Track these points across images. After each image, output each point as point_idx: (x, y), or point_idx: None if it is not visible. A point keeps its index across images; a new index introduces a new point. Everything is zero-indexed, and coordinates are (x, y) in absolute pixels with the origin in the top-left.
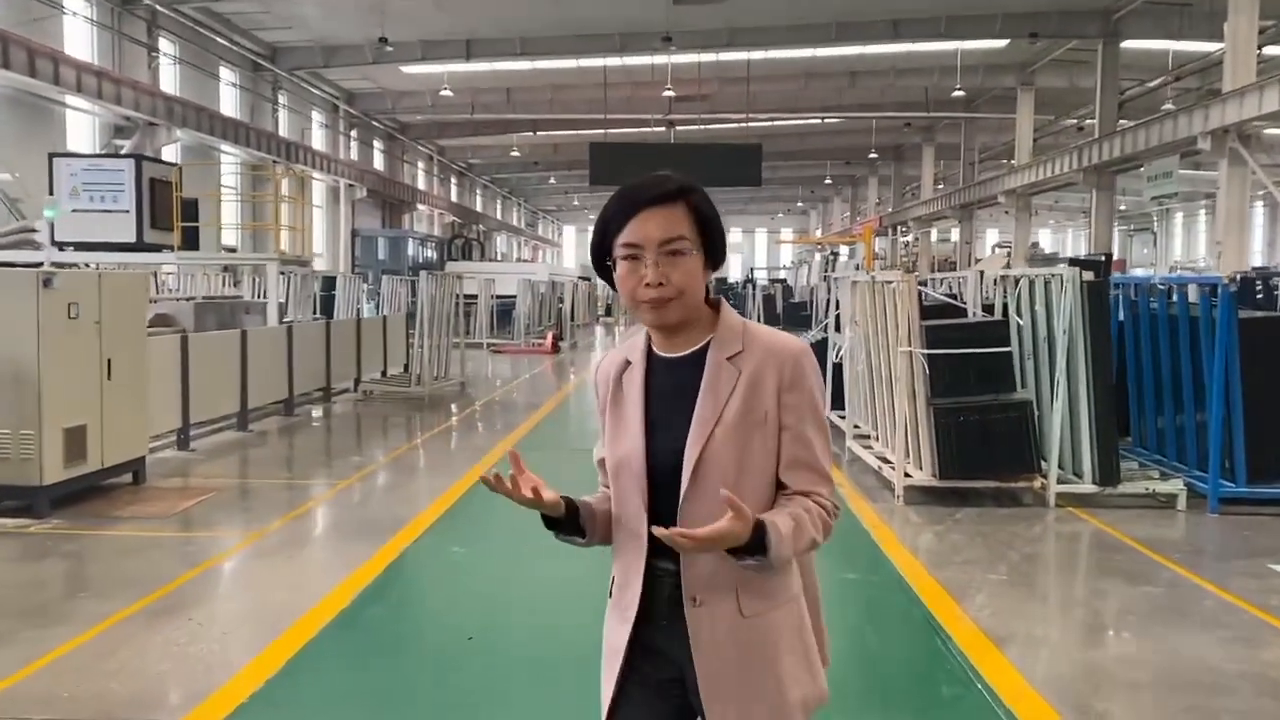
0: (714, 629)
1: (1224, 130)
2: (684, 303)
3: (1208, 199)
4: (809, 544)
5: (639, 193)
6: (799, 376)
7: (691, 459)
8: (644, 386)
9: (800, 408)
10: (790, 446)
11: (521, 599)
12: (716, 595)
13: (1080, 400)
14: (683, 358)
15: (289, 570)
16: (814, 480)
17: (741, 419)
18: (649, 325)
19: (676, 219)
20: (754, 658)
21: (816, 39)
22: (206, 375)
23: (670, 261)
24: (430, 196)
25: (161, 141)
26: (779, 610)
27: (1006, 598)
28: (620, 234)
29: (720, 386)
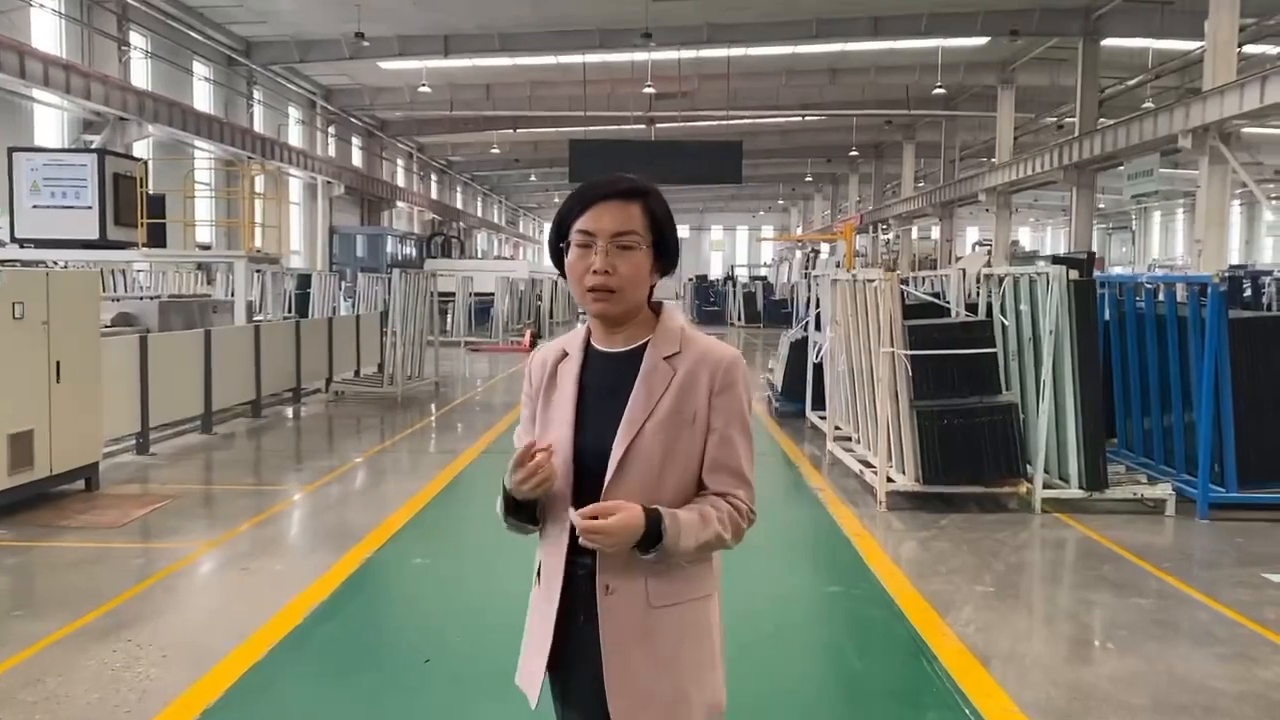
0: (623, 617)
1: (1204, 128)
2: (627, 296)
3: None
4: (714, 539)
5: (599, 187)
6: (730, 382)
7: (618, 451)
8: (578, 379)
9: (728, 412)
10: (715, 449)
11: (484, 616)
12: (628, 583)
13: (1066, 402)
14: (620, 354)
15: (242, 584)
16: (733, 483)
17: (671, 416)
18: (593, 314)
19: (631, 215)
20: (657, 651)
21: (797, 36)
22: (168, 376)
23: (619, 254)
24: (409, 194)
25: (133, 137)
26: (687, 605)
27: (993, 611)
28: (577, 222)
29: (654, 384)
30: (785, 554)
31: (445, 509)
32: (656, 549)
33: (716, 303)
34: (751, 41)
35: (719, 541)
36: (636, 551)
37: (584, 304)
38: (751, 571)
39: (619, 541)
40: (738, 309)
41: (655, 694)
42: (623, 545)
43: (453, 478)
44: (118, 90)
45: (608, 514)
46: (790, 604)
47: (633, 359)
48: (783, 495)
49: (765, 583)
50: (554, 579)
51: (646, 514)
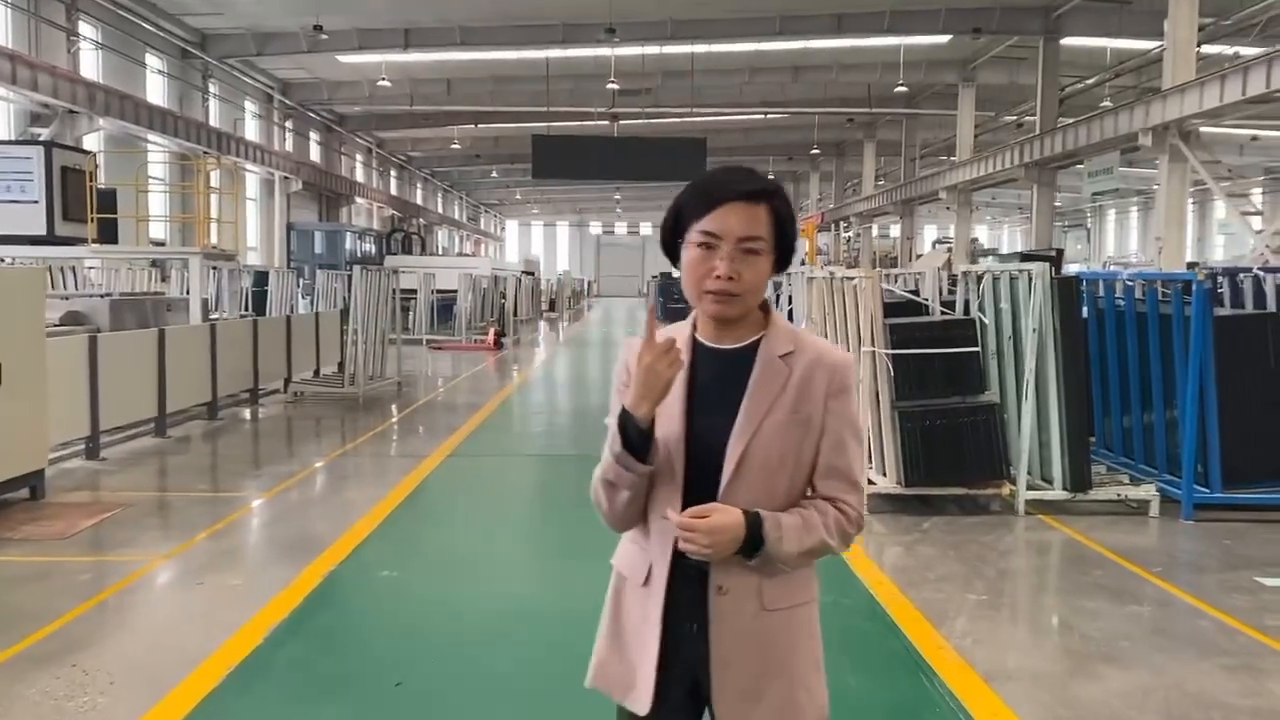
0: (735, 619)
1: (1164, 127)
2: (748, 301)
3: (1139, 195)
4: (819, 545)
5: (727, 186)
6: (845, 386)
7: (736, 451)
8: (688, 374)
9: (843, 415)
10: (828, 452)
11: (457, 633)
12: (741, 584)
13: (1049, 402)
14: (731, 350)
15: (197, 601)
16: (844, 488)
17: (789, 416)
18: (710, 316)
19: (758, 218)
20: (771, 656)
21: (760, 32)
22: (119, 378)
23: (744, 259)
24: (369, 189)
25: (83, 130)
26: (799, 609)
27: (989, 622)
28: (699, 221)
29: (771, 382)
30: None
31: (412, 516)
32: (759, 554)
33: (681, 300)
34: (715, 38)
35: (824, 547)
36: (741, 556)
37: (697, 304)
38: None
39: (716, 545)
40: None
41: (765, 698)
42: (721, 550)
43: (419, 483)
44: (66, 82)
45: (703, 516)
46: None
47: (744, 356)
48: None
49: None
50: (659, 578)
51: (746, 517)
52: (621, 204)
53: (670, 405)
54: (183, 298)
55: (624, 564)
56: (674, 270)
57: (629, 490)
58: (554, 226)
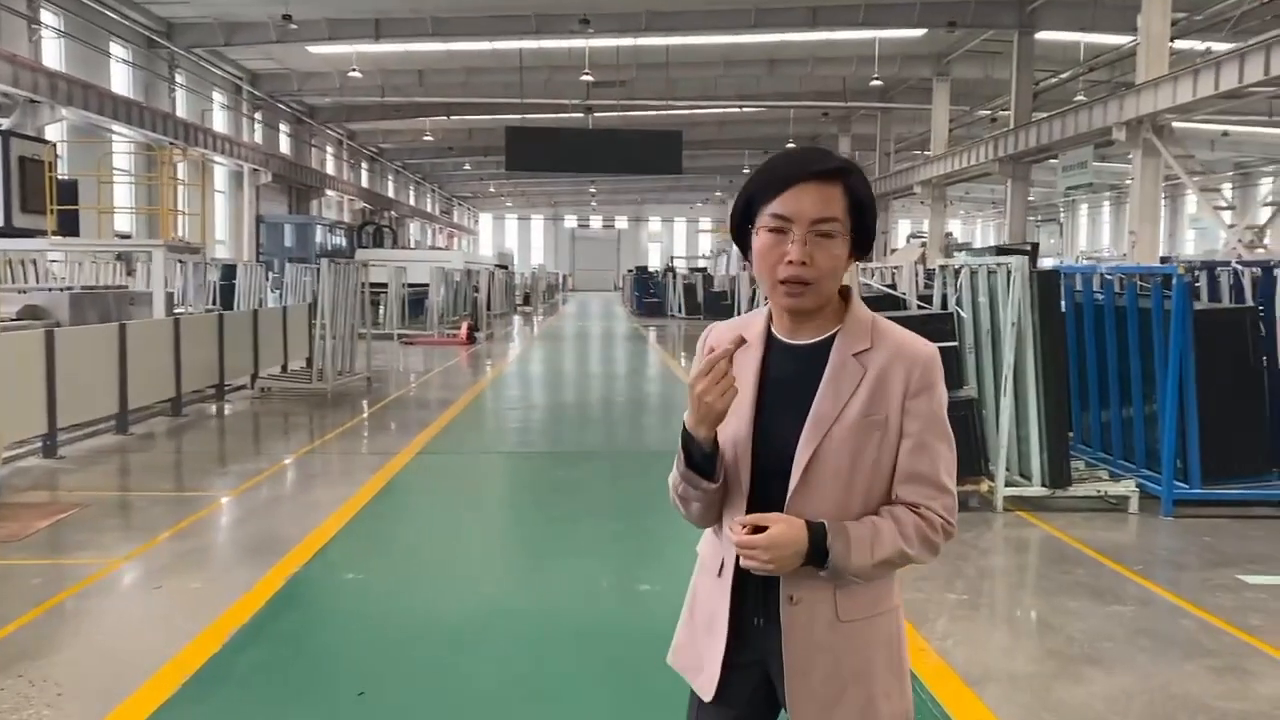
0: (810, 630)
1: (1138, 121)
2: (823, 289)
3: (1111, 189)
4: (895, 555)
5: (798, 164)
6: (928, 383)
7: (804, 457)
8: (759, 369)
9: (925, 416)
10: (908, 456)
11: (423, 638)
12: (814, 595)
13: (1029, 397)
14: (805, 346)
15: (155, 606)
16: (926, 494)
17: (861, 419)
18: (783, 308)
19: (833, 198)
20: (846, 665)
21: (736, 25)
22: (78, 373)
23: (818, 242)
24: (339, 182)
25: (45, 120)
26: (878, 619)
27: (970, 622)
28: (769, 204)
29: (843, 383)
30: None
31: (380, 516)
32: (826, 568)
33: (657, 294)
34: (690, 30)
35: (901, 557)
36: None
37: (772, 296)
38: None
39: (778, 560)
40: (678, 301)
41: (842, 704)
42: (784, 565)
43: (386, 481)
44: (27, 71)
45: (764, 527)
46: None
47: (819, 352)
48: None
49: None
50: (730, 571)
51: (810, 529)
52: (597, 197)
53: (740, 405)
54: (146, 291)
55: (705, 552)
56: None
57: (699, 503)
58: (528, 220)
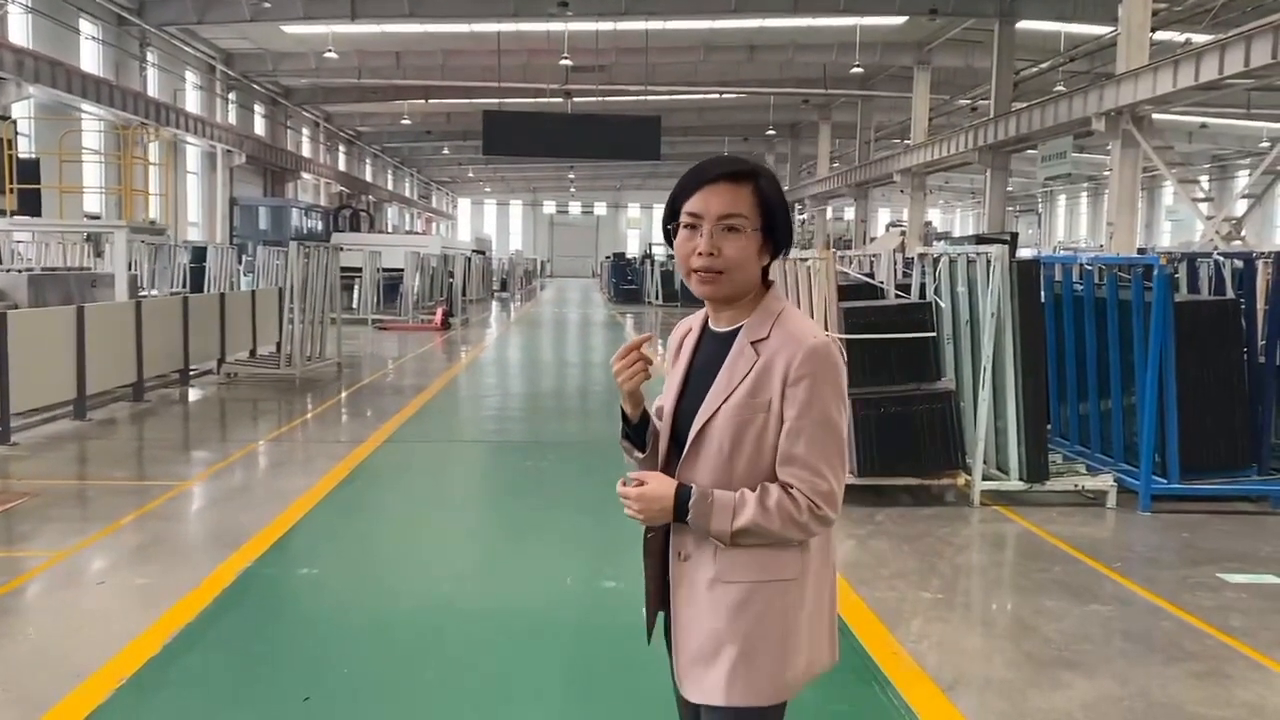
0: (694, 586)
1: (1117, 112)
2: (732, 279)
3: (1089, 180)
4: (753, 526)
5: (710, 168)
6: (807, 371)
7: (693, 431)
8: (691, 354)
9: (802, 402)
10: (785, 440)
11: (377, 639)
12: (699, 554)
13: (1007, 390)
14: (723, 333)
15: (96, 602)
16: (799, 476)
17: (746, 400)
18: (699, 295)
19: (740, 197)
20: (726, 625)
21: (716, 9)
22: (33, 357)
23: (725, 236)
24: (316, 165)
25: (10, 98)
26: (764, 586)
27: (945, 623)
28: (686, 203)
29: (738, 368)
30: None
31: (341, 507)
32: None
33: (634, 281)
34: (670, 13)
35: (760, 530)
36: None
37: (689, 284)
38: None
39: (645, 511)
40: (655, 288)
41: (717, 664)
42: (651, 517)
43: (350, 470)
44: None
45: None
46: None
47: (731, 340)
48: None
49: None
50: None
51: (679, 490)
52: (575, 183)
53: (671, 384)
54: (109, 273)
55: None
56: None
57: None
58: (507, 205)
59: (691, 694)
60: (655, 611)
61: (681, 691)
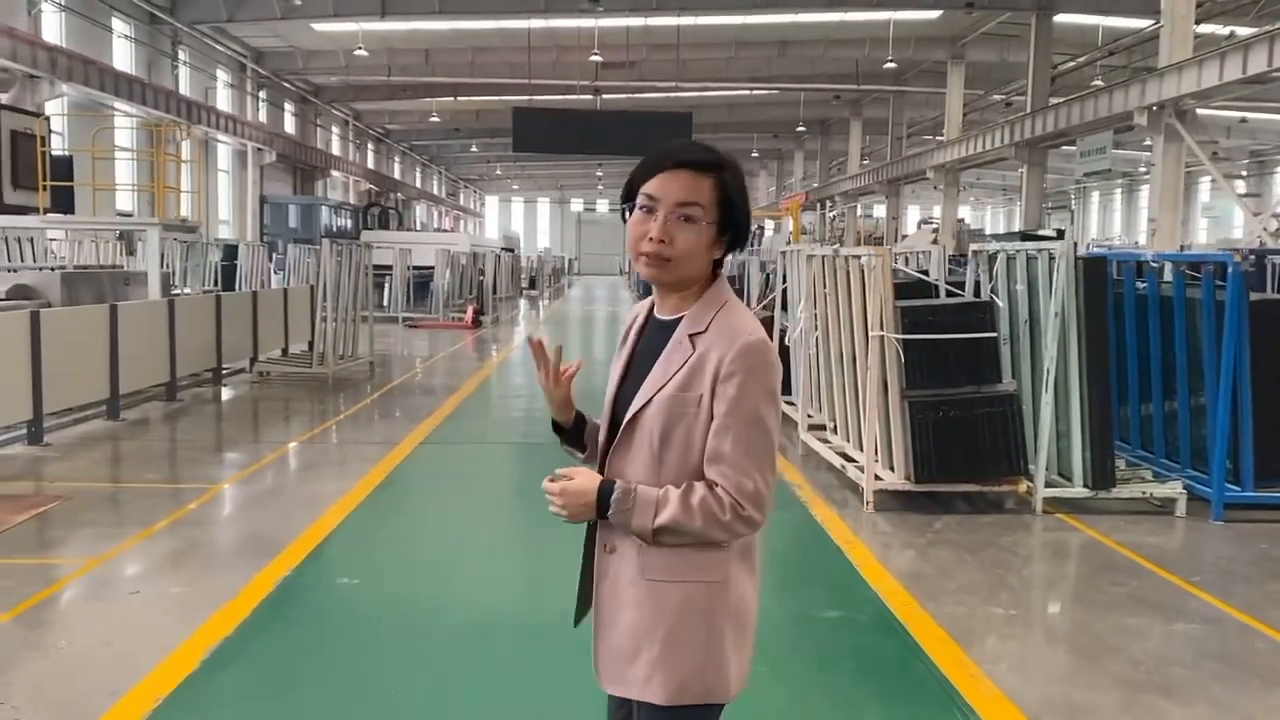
0: (617, 581)
1: (1159, 106)
2: (679, 268)
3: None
4: (675, 524)
5: (673, 153)
6: (736, 370)
7: (629, 415)
8: (635, 341)
9: (730, 400)
10: (713, 438)
11: (420, 652)
12: (625, 548)
13: (1071, 392)
14: (665, 321)
15: (130, 613)
16: (724, 474)
17: (676, 394)
18: (644, 279)
19: (700, 187)
20: (648, 622)
21: (748, 4)
22: (66, 356)
23: (679, 224)
24: (345, 163)
25: (44, 96)
26: (687, 586)
27: (1021, 642)
28: (645, 185)
29: (673, 360)
30: (771, 565)
31: (378, 512)
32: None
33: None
34: (702, 9)
35: (680, 529)
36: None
37: (636, 266)
38: None
39: (569, 508)
40: None
41: (639, 660)
42: (575, 514)
43: (387, 474)
44: (26, 45)
45: (570, 479)
46: (785, 633)
47: (672, 329)
48: None
49: None
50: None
51: (601, 486)
52: (603, 180)
53: (616, 365)
54: (142, 271)
55: None
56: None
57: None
58: (535, 203)
59: (611, 686)
60: (585, 602)
61: (600, 683)
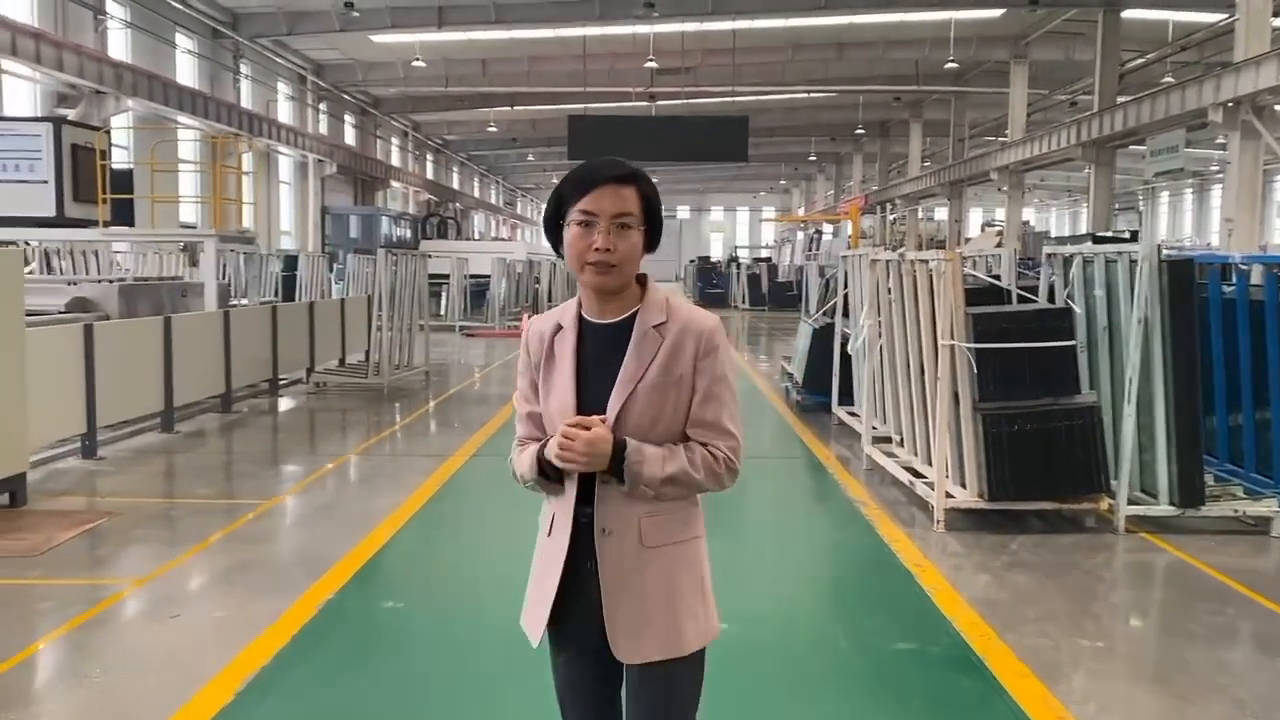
0: (620, 558)
1: (1235, 102)
2: (623, 271)
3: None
4: (680, 474)
5: (599, 170)
6: (713, 347)
7: (614, 410)
8: (575, 348)
9: (711, 373)
10: (699, 407)
11: (469, 682)
12: (622, 526)
13: (1156, 403)
14: (611, 324)
15: (169, 639)
16: (712, 435)
17: (661, 378)
18: (591, 287)
19: (628, 198)
20: (654, 587)
21: (804, 6)
22: (120, 369)
23: (619, 232)
24: (404, 173)
25: (110, 111)
26: (682, 545)
27: (1113, 680)
28: (578, 203)
29: (645, 349)
30: (836, 591)
31: (427, 531)
32: (624, 476)
33: (719, 285)
34: (757, 13)
35: (687, 478)
36: (614, 479)
37: (581, 278)
38: (800, 612)
39: (588, 454)
40: (742, 292)
41: (652, 621)
42: (591, 462)
43: (438, 488)
44: (93, 61)
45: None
46: (852, 666)
47: (624, 328)
48: (819, 508)
49: (817, 632)
50: (563, 529)
51: (615, 439)
52: (660, 187)
53: (562, 378)
54: (199, 283)
55: (541, 518)
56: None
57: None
58: None
59: (631, 656)
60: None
61: (619, 657)
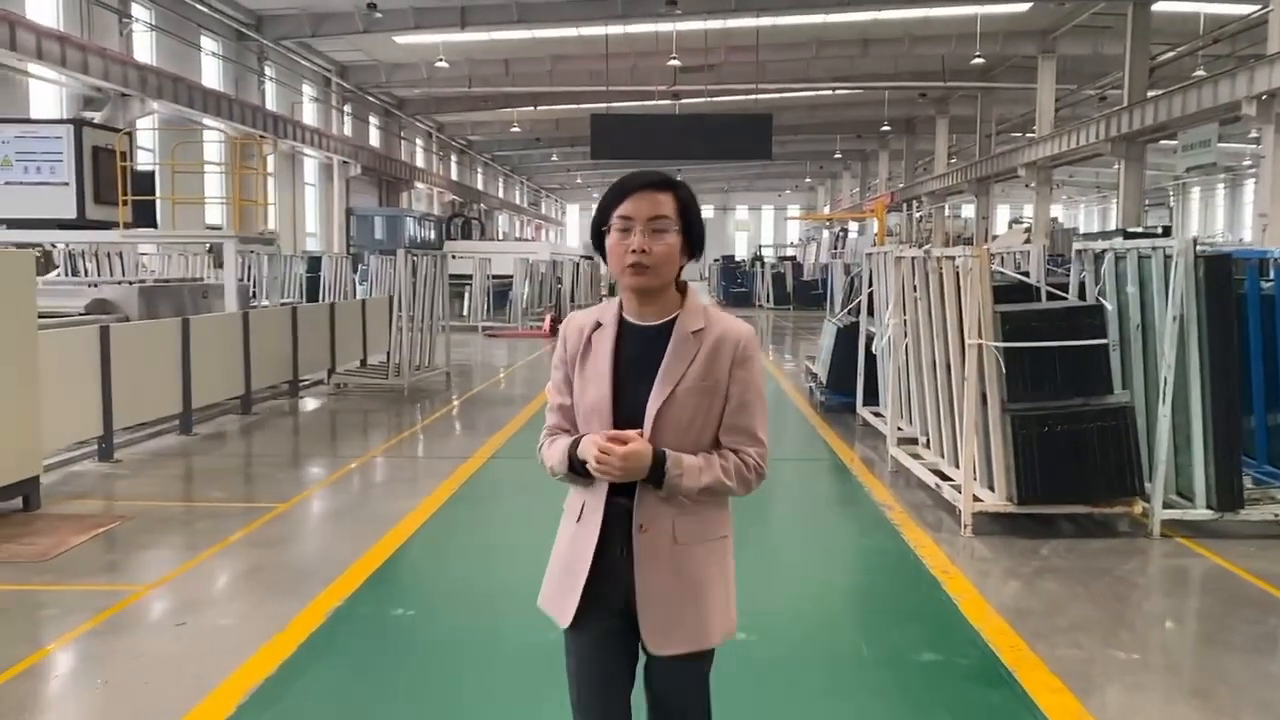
0: (655, 553)
1: (1270, 95)
2: (660, 273)
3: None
4: (715, 483)
5: (637, 179)
6: (748, 356)
7: (653, 410)
8: (614, 346)
9: (745, 381)
10: (732, 413)
11: (480, 694)
12: (658, 523)
13: (1192, 404)
14: (651, 327)
15: (175, 647)
16: (745, 441)
17: (698, 382)
18: (630, 288)
19: (664, 203)
20: (685, 582)
21: (829, 3)
22: (137, 371)
23: (654, 236)
24: (429, 174)
25: (135, 114)
26: (709, 544)
27: (1150, 694)
28: (617, 210)
29: (684, 354)
30: (859, 598)
31: (442, 535)
32: (663, 485)
33: (744, 284)
34: (781, 9)
35: (721, 486)
36: (651, 486)
37: (621, 279)
38: (821, 619)
39: (627, 469)
40: (766, 291)
41: (684, 620)
42: (630, 474)
43: (454, 491)
44: (118, 65)
45: (622, 441)
46: (875, 678)
47: (663, 332)
48: (842, 511)
49: (839, 640)
50: (594, 516)
51: (655, 452)
52: None
53: (600, 373)
54: (220, 284)
55: (568, 505)
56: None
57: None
58: None
59: (661, 649)
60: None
61: (650, 650)
